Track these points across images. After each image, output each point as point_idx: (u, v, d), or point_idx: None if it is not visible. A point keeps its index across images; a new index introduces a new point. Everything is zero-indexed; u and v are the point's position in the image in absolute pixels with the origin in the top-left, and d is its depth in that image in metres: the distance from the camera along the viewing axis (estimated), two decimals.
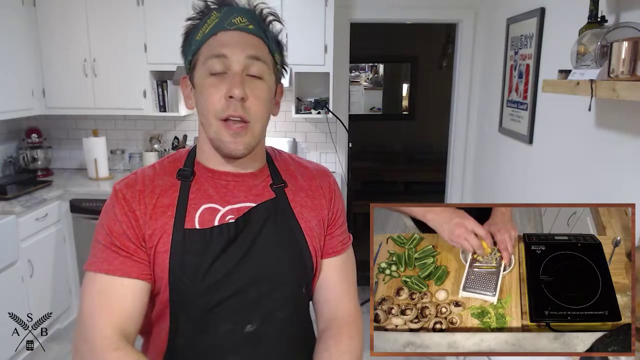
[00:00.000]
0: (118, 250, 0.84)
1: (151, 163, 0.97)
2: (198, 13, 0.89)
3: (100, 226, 0.87)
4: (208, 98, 0.84)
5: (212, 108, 0.84)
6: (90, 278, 0.85)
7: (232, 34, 0.85)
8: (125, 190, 0.88)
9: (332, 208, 1.00)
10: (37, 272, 2.72)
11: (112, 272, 0.83)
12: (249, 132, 0.86)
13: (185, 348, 0.89)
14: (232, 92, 0.82)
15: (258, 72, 0.86)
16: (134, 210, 0.86)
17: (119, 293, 0.83)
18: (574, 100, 1.71)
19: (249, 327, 0.89)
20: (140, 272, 0.85)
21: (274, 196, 0.94)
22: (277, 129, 3.50)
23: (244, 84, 0.83)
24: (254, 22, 0.87)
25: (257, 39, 0.87)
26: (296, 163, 1.02)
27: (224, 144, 0.86)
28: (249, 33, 0.86)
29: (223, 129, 0.85)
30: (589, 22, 1.58)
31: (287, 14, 2.97)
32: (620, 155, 1.58)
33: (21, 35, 2.94)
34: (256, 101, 0.85)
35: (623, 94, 1.21)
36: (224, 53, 0.83)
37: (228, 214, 0.89)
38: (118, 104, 3.16)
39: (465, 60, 3.31)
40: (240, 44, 0.84)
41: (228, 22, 0.85)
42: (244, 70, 0.84)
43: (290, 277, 0.92)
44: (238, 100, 0.83)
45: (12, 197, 2.71)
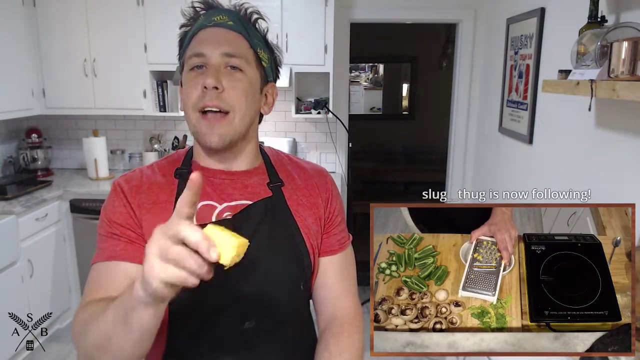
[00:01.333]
0: (118, 238, 0.85)
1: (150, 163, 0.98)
2: (188, 20, 0.91)
3: (101, 220, 0.89)
4: (187, 92, 0.87)
5: (190, 101, 0.86)
6: (93, 269, 0.86)
7: (210, 30, 0.88)
8: (123, 184, 0.90)
9: (329, 207, 1.00)
10: (37, 272, 2.72)
11: (112, 258, 0.84)
12: (226, 123, 0.86)
13: (184, 346, 0.89)
14: (205, 82, 0.84)
15: (237, 64, 0.87)
16: (131, 202, 0.87)
17: (116, 274, 0.83)
18: (574, 100, 1.71)
19: (247, 324, 0.89)
20: (140, 257, 0.84)
21: (271, 194, 0.94)
22: (277, 129, 3.50)
23: (221, 75, 0.85)
24: (235, 19, 0.89)
25: (234, 34, 0.88)
26: (293, 163, 1.03)
27: (200, 135, 0.87)
28: (226, 29, 0.88)
29: (200, 120, 0.86)
30: (589, 22, 1.58)
31: (287, 14, 2.97)
32: (620, 155, 1.58)
33: (21, 35, 2.94)
34: (233, 91, 0.86)
35: (623, 94, 1.21)
36: (201, 52, 0.86)
37: (225, 210, 0.90)
38: (118, 104, 3.16)
39: (465, 60, 3.31)
40: (217, 39, 0.87)
41: (209, 20, 0.88)
42: (221, 64, 0.86)
43: (287, 274, 0.93)
44: (212, 90, 0.84)
45: (12, 197, 2.71)
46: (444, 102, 3.97)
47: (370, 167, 5.38)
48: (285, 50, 3.02)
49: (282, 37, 2.99)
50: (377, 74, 6.04)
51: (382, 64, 5.98)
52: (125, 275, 0.82)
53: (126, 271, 0.83)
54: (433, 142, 5.49)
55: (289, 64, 3.03)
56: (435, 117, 5.22)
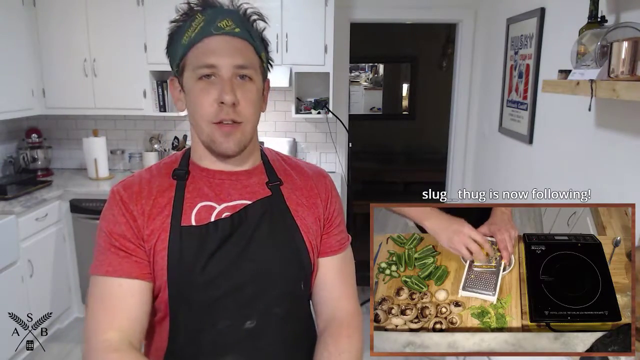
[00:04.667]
0: (117, 252, 0.85)
1: (150, 164, 0.98)
2: (182, 15, 0.89)
3: (100, 229, 0.88)
4: (199, 103, 0.86)
5: (204, 113, 0.86)
6: (93, 282, 0.86)
7: (218, 39, 0.86)
8: (123, 192, 0.89)
9: (328, 208, 1.00)
10: (37, 272, 2.72)
11: (112, 273, 0.84)
12: (240, 131, 0.88)
13: (186, 345, 0.89)
14: (224, 99, 0.84)
15: (248, 74, 0.87)
16: (132, 210, 0.87)
17: (119, 294, 0.84)
18: (574, 100, 1.71)
19: (248, 323, 0.89)
20: (140, 271, 0.85)
21: (270, 194, 0.94)
22: (277, 129, 3.50)
23: (234, 88, 0.85)
24: (239, 24, 0.87)
25: (243, 42, 0.87)
26: (292, 163, 1.03)
27: (216, 144, 0.88)
28: (235, 37, 0.86)
29: (215, 130, 0.87)
30: (589, 22, 1.58)
31: (287, 14, 2.97)
32: (620, 155, 1.58)
33: (21, 35, 2.94)
34: (247, 104, 0.87)
35: (623, 94, 1.21)
36: (212, 63, 0.84)
37: (224, 211, 0.90)
38: (118, 104, 3.16)
39: (465, 60, 3.31)
40: (228, 50, 0.85)
41: (214, 27, 0.85)
42: (233, 75, 0.85)
43: (287, 273, 0.93)
44: (229, 106, 0.84)
45: (12, 197, 2.71)
46: (444, 102, 3.97)
47: (370, 167, 5.38)
48: (285, 50, 3.02)
49: (282, 37, 2.99)
50: (377, 74, 6.04)
51: (382, 64, 5.98)
52: (130, 293, 0.84)
53: (121, 286, 0.84)
54: (433, 142, 5.50)
55: (289, 64, 3.03)
56: (435, 117, 5.22)
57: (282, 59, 3.02)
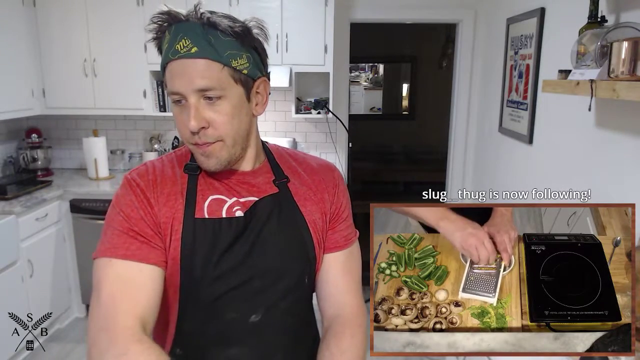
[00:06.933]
0: (136, 236, 0.84)
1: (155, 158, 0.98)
2: (155, 33, 0.85)
3: (116, 213, 0.87)
4: (178, 126, 0.88)
5: (183, 135, 0.88)
6: (106, 264, 0.82)
7: (178, 64, 0.82)
8: (139, 180, 0.89)
9: (335, 202, 1.00)
10: (37, 272, 2.72)
11: (130, 257, 0.82)
12: (223, 149, 0.87)
13: (193, 335, 0.90)
14: (190, 126, 0.83)
15: (213, 94, 0.83)
16: (149, 197, 0.87)
17: (138, 279, 0.82)
18: (574, 100, 1.71)
19: (253, 317, 0.90)
20: (157, 258, 0.85)
21: (277, 191, 0.95)
22: (277, 129, 3.50)
23: (202, 111, 0.83)
24: (199, 39, 0.81)
25: (203, 61, 0.81)
26: (299, 159, 1.03)
27: (199, 162, 0.90)
28: (193, 58, 0.81)
29: (195, 150, 0.88)
30: (589, 22, 1.58)
31: (287, 14, 2.97)
32: (620, 155, 1.58)
33: (21, 35, 2.94)
34: (220, 123, 0.84)
35: (623, 94, 1.21)
36: (176, 90, 0.83)
37: (234, 205, 0.91)
38: (118, 104, 3.16)
39: (465, 60, 3.31)
40: (187, 75, 0.81)
41: (172, 51, 0.81)
42: (198, 99, 0.83)
43: (294, 268, 0.93)
44: (197, 132, 0.84)
45: (12, 197, 2.71)
46: (443, 102, 3.97)
47: (370, 167, 5.38)
48: (285, 50, 3.02)
49: (282, 37, 2.99)
50: (377, 74, 6.04)
51: (382, 64, 5.98)
52: (151, 279, 0.83)
53: (141, 271, 0.82)
54: (433, 142, 5.49)
55: (289, 64, 3.03)
56: (435, 117, 5.22)
57: (282, 59, 3.02)
